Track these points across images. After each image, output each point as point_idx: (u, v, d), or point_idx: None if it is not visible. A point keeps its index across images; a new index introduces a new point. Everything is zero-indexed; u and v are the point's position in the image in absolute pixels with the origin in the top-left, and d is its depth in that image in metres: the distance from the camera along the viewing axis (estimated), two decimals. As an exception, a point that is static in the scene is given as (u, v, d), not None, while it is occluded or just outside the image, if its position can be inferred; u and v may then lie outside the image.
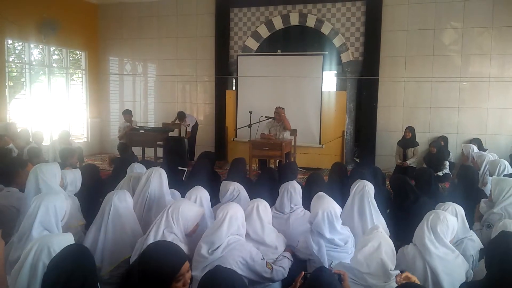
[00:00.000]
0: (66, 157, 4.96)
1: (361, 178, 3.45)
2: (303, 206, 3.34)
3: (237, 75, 8.75)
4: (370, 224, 3.05)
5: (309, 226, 2.84)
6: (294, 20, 8.62)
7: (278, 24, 8.75)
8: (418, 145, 7.48)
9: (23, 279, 1.89)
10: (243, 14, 8.96)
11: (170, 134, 8.27)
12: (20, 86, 8.57)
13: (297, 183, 3.38)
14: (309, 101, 8.15)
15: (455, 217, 2.73)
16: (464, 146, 6.48)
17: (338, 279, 1.94)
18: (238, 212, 2.59)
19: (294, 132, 7.12)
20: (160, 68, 9.82)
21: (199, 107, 9.55)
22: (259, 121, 7.24)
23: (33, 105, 8.52)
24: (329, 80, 9.21)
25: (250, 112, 7.52)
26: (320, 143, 8.14)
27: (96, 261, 2.61)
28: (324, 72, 8.16)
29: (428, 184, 4.08)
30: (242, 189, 3.41)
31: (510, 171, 4.45)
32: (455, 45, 7.81)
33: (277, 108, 7.04)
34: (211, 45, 9.17)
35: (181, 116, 8.69)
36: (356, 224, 3.13)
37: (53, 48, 9.12)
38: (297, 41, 8.80)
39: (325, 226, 2.68)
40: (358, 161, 8.48)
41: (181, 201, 2.71)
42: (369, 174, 4.47)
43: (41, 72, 8.93)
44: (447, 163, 7.20)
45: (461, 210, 2.79)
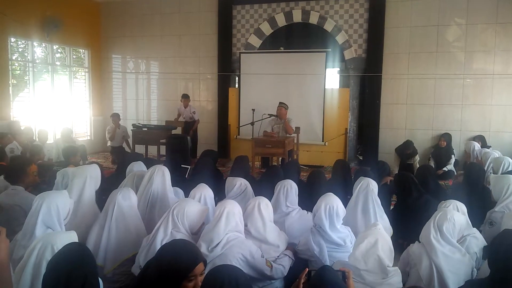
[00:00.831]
0: (69, 155, 4.98)
1: (365, 176, 3.44)
2: (304, 203, 3.34)
3: (239, 72, 8.74)
4: (374, 222, 3.04)
5: (308, 227, 2.84)
6: (297, 17, 8.60)
7: (281, 21, 8.73)
8: (416, 154, 7.35)
9: (27, 277, 1.90)
10: (245, 11, 8.94)
11: (173, 131, 8.27)
12: (24, 84, 8.59)
13: (293, 182, 3.36)
14: (312, 98, 8.14)
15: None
16: (466, 143, 6.46)
17: (343, 277, 1.93)
18: (235, 208, 2.58)
19: (297, 129, 7.11)
20: (162, 66, 9.82)
21: (201, 105, 9.55)
22: (262, 119, 7.23)
23: (36, 103, 8.54)
24: (332, 77, 9.18)
25: (253, 109, 7.51)
26: (323, 141, 8.12)
27: (99, 259, 2.63)
28: (327, 69, 8.14)
29: (426, 181, 4.04)
30: (249, 185, 3.42)
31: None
32: (459, 41, 7.77)
33: (280, 108, 7.00)
34: (214, 42, 9.16)
35: (185, 96, 8.68)
36: (359, 223, 3.13)
37: (56, 46, 9.13)
38: (300, 38, 8.76)
39: (326, 220, 2.67)
40: (361, 158, 8.46)
41: (186, 201, 2.70)
42: (374, 170, 4.46)
43: (44, 70, 8.95)
44: (453, 157, 7.17)
45: (463, 208, 2.78)
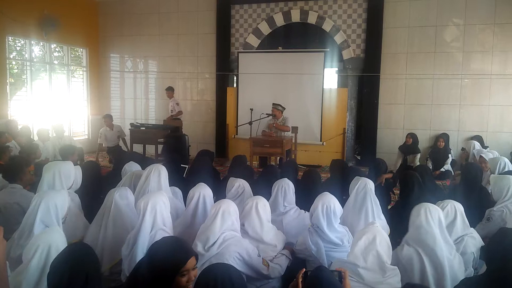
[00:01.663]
0: (67, 154, 4.96)
1: (359, 175, 3.44)
2: (301, 203, 3.33)
3: (238, 72, 8.73)
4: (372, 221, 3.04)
5: (306, 226, 2.83)
6: (295, 16, 8.60)
7: (279, 20, 8.73)
8: (419, 152, 7.43)
9: (30, 278, 1.91)
10: (244, 11, 8.94)
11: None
12: (21, 83, 8.57)
13: (290, 181, 3.36)
14: (310, 98, 8.14)
15: (454, 214, 2.73)
16: (466, 143, 6.49)
17: (339, 277, 1.93)
18: (230, 207, 2.58)
19: (295, 129, 7.11)
20: (161, 65, 9.81)
21: (200, 104, 9.55)
22: (260, 118, 7.23)
23: (34, 102, 8.53)
24: (330, 77, 9.19)
25: (251, 109, 7.51)
26: (321, 141, 8.13)
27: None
28: (325, 69, 8.14)
29: (423, 181, 4.03)
30: (247, 186, 3.41)
31: (511, 168, 4.45)
32: (457, 42, 7.79)
33: (273, 110, 6.98)
34: (212, 42, 9.15)
35: (170, 88, 8.83)
36: (357, 222, 3.12)
37: (54, 45, 9.12)
38: (298, 38, 8.76)
39: (324, 220, 2.67)
40: (359, 158, 8.47)
41: (153, 196, 2.68)
42: (372, 168, 4.45)
43: (42, 69, 8.93)
44: (450, 157, 7.20)
45: (460, 207, 2.78)
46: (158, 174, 3.36)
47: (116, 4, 9.84)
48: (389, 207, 4.17)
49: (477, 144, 6.22)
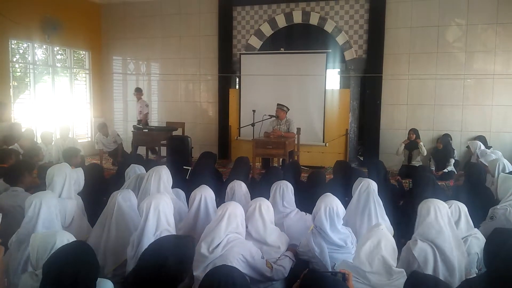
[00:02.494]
0: (70, 156, 4.97)
1: (362, 177, 3.43)
2: (305, 204, 3.33)
3: (240, 73, 8.74)
4: (375, 222, 3.04)
5: (307, 228, 2.83)
6: (297, 18, 8.60)
7: (281, 22, 8.73)
8: (425, 153, 7.39)
9: None
10: (246, 13, 8.95)
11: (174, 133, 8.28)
12: (24, 86, 8.61)
13: (288, 182, 3.35)
14: (312, 99, 8.13)
15: (458, 214, 2.73)
16: (471, 142, 6.48)
17: (342, 278, 1.93)
18: (237, 210, 2.58)
19: (298, 130, 7.12)
20: (163, 67, 9.83)
21: (202, 106, 9.56)
22: (263, 120, 7.23)
23: (37, 105, 8.56)
24: (333, 78, 9.18)
25: (254, 110, 7.50)
26: (323, 142, 8.12)
27: (99, 260, 2.63)
28: (327, 70, 8.12)
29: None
30: (239, 188, 3.37)
31: (511, 169, 4.44)
32: (459, 42, 7.76)
33: (278, 110, 7.05)
34: (214, 43, 9.16)
35: (139, 89, 8.97)
36: (361, 224, 3.11)
37: (57, 48, 9.15)
38: (300, 39, 8.75)
39: (327, 222, 2.66)
40: (362, 159, 8.45)
41: (156, 197, 2.72)
42: (373, 170, 4.45)
43: (45, 72, 8.96)
44: (453, 157, 7.17)
45: (464, 208, 2.77)
46: (159, 176, 3.36)
47: (119, 6, 9.87)
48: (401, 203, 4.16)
49: (482, 145, 6.20)
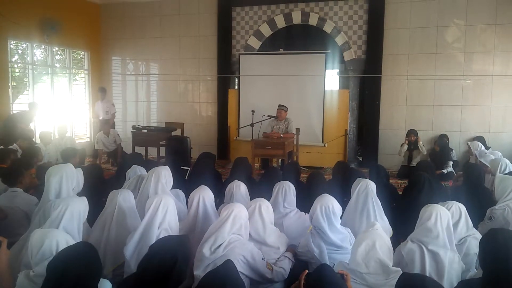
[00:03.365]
0: (69, 156, 4.97)
1: (361, 177, 3.44)
2: (304, 205, 3.33)
3: (239, 74, 8.74)
4: (373, 222, 3.04)
5: (307, 228, 2.83)
6: (297, 18, 8.61)
7: (281, 22, 8.73)
8: (425, 152, 7.41)
9: None
10: (245, 13, 8.95)
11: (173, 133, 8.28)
12: (23, 86, 8.59)
13: (290, 183, 3.36)
14: (311, 99, 8.14)
15: (459, 215, 2.74)
16: (471, 143, 6.49)
17: (341, 279, 1.94)
18: (242, 212, 2.59)
19: (297, 131, 7.12)
20: (162, 68, 9.83)
21: (201, 106, 9.56)
22: (262, 120, 7.24)
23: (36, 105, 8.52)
24: (332, 79, 9.18)
25: (253, 111, 7.51)
26: (322, 142, 8.12)
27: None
28: (326, 70, 8.13)
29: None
30: (238, 188, 3.38)
31: None
32: (458, 42, 7.77)
33: (279, 111, 7.10)
34: (214, 44, 9.16)
35: (102, 89, 8.92)
36: (360, 224, 3.11)
37: (56, 48, 9.15)
38: (299, 39, 8.76)
39: (324, 221, 2.66)
40: (361, 159, 8.46)
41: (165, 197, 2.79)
42: (373, 172, 4.46)
43: (44, 72, 8.95)
44: (450, 162, 7.18)
45: (463, 208, 2.78)
46: (157, 177, 3.37)
47: (118, 7, 9.86)
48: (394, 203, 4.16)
49: (482, 146, 6.20)
